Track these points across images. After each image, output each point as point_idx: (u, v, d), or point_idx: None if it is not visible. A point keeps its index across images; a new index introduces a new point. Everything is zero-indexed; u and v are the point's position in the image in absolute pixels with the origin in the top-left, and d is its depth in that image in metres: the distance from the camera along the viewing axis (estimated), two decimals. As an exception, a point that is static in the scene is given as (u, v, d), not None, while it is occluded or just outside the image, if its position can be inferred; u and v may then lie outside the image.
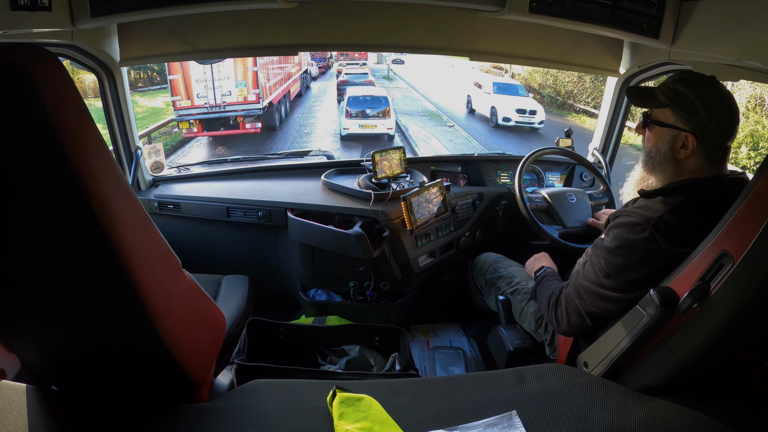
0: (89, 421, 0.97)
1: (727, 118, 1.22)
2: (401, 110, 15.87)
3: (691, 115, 1.23)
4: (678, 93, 1.25)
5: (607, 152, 2.54)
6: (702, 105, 1.21)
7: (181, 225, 2.43)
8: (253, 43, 2.04)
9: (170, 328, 0.92)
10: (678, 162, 1.28)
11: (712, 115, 1.21)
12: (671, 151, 1.28)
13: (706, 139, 1.22)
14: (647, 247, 1.20)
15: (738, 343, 1.02)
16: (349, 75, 19.01)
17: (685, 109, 1.23)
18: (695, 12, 1.50)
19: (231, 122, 11.26)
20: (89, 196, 0.74)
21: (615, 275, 1.26)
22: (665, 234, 1.19)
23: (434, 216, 2.15)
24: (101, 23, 1.48)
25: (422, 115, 15.66)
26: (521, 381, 1.13)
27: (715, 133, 1.22)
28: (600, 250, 1.32)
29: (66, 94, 0.73)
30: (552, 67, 2.30)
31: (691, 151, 1.24)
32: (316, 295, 2.34)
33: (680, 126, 1.25)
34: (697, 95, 1.22)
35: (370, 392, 1.05)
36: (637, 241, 1.21)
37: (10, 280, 0.83)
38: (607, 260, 1.28)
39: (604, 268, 1.28)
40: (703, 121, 1.22)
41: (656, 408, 1.02)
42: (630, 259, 1.23)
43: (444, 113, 16.01)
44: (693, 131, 1.23)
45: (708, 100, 1.21)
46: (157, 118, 12.77)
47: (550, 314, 1.44)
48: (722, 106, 1.22)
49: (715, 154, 1.24)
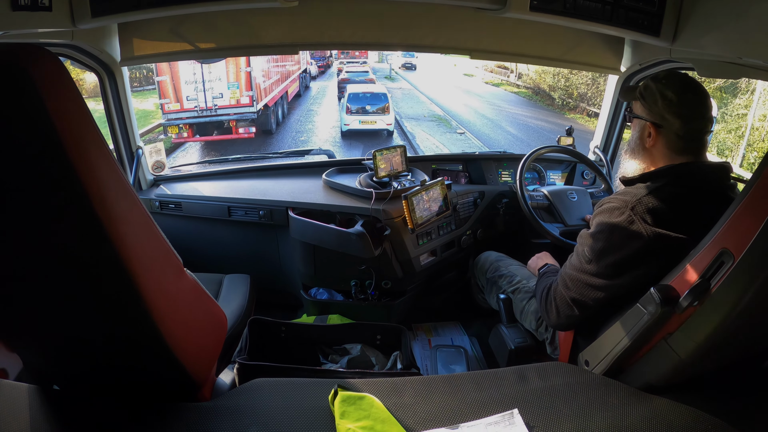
0: (91, 421, 0.97)
1: (683, 109, 1.28)
2: (407, 114, 15.74)
3: (651, 106, 1.33)
4: (646, 87, 1.35)
5: (609, 150, 2.54)
6: (660, 97, 1.30)
7: (183, 224, 2.44)
8: (254, 42, 2.04)
9: (172, 327, 0.92)
10: (646, 150, 1.36)
11: (668, 106, 1.29)
12: (640, 140, 1.38)
13: (665, 128, 1.31)
14: (626, 228, 1.23)
15: (739, 342, 1.01)
16: (350, 73, 19.12)
17: (648, 101, 1.34)
18: (696, 10, 1.49)
19: (225, 126, 10.76)
20: (90, 195, 0.74)
21: (596, 260, 1.29)
22: (643, 216, 1.22)
23: (435, 214, 2.15)
24: (102, 23, 1.48)
25: (430, 120, 15.39)
26: (522, 379, 1.14)
27: (672, 123, 1.29)
28: (584, 238, 1.36)
29: (67, 94, 0.73)
30: (553, 65, 2.30)
31: (653, 140, 1.33)
32: (318, 293, 2.34)
33: (644, 117, 1.35)
34: (657, 88, 1.32)
35: (371, 391, 1.05)
36: (616, 224, 1.25)
37: (11, 279, 0.84)
38: (589, 246, 1.32)
39: (587, 255, 1.32)
40: (660, 112, 1.31)
41: (657, 406, 1.02)
42: (610, 242, 1.26)
43: (453, 118, 15.83)
44: (652, 121, 1.33)
45: (666, 93, 1.30)
46: (146, 122, 12.14)
47: (542, 309, 1.47)
48: (679, 98, 1.28)
49: (676, 143, 1.31)
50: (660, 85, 1.31)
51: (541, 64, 2.29)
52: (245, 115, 10.80)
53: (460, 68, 29.63)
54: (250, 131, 11.08)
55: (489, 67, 26.35)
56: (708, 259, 1.01)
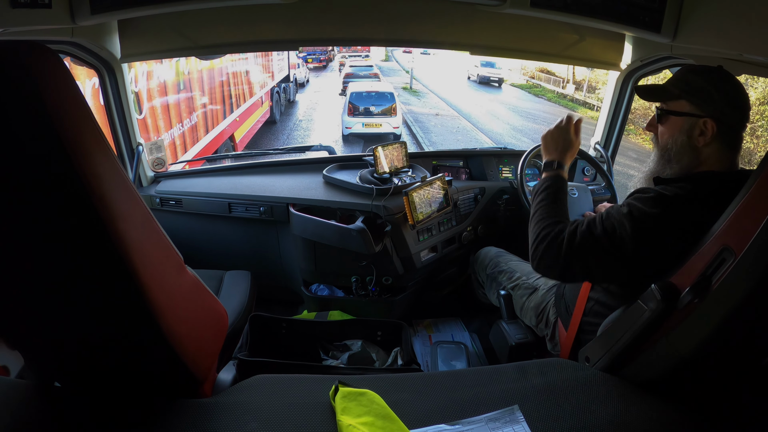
0: (92, 418, 0.98)
1: (740, 101, 1.22)
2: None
3: (706, 101, 1.23)
4: (689, 82, 1.25)
5: (609, 147, 2.54)
6: (715, 90, 1.21)
7: (183, 221, 2.44)
8: (254, 38, 2.04)
9: (173, 324, 0.92)
10: (696, 150, 1.26)
11: (727, 99, 1.21)
12: (689, 139, 1.26)
13: (724, 122, 1.22)
14: (655, 223, 1.18)
15: (739, 339, 1.01)
16: (354, 68, 18.66)
17: (700, 96, 1.23)
18: (697, 6, 1.49)
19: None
20: (90, 192, 0.74)
21: (617, 239, 1.21)
22: (675, 216, 1.16)
23: (436, 211, 2.15)
24: (102, 20, 1.47)
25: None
26: (523, 375, 1.14)
27: (732, 116, 1.22)
28: (611, 212, 1.26)
29: (67, 91, 0.73)
30: (553, 61, 2.30)
31: (710, 138, 1.22)
32: (318, 290, 2.35)
33: (697, 113, 1.24)
34: (709, 82, 1.23)
35: (372, 387, 1.05)
36: (648, 215, 1.19)
37: (11, 277, 0.84)
38: (614, 222, 1.23)
39: (608, 228, 1.23)
40: (720, 106, 1.21)
41: (658, 403, 1.02)
42: (634, 230, 1.19)
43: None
44: (711, 115, 1.22)
45: (721, 85, 1.22)
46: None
47: (536, 241, 1.36)
48: (735, 90, 1.22)
49: (732, 139, 1.23)
50: (710, 79, 1.23)
51: (541, 60, 2.28)
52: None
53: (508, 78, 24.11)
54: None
55: (530, 72, 22.30)
56: (709, 256, 1.01)
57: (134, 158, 2.30)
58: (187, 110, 6.46)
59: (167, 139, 5.71)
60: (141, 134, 2.32)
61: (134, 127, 2.28)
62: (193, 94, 6.76)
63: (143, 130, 4.93)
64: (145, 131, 5.03)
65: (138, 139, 2.30)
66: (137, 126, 2.30)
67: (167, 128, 5.78)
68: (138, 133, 2.31)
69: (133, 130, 2.27)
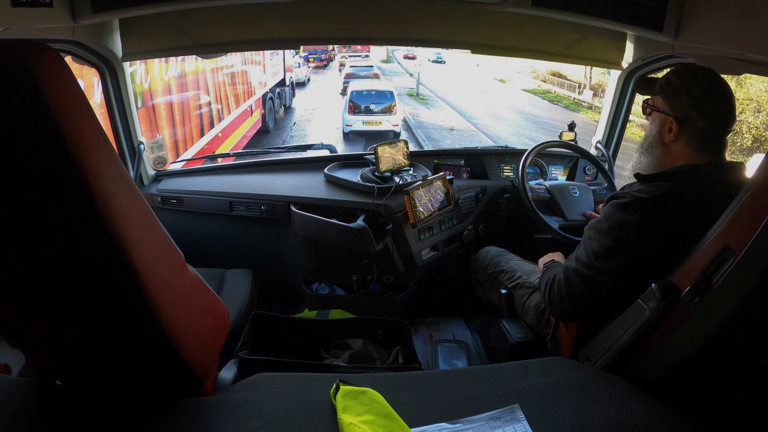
0: (93, 416, 0.98)
1: (710, 108, 1.26)
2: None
3: (674, 101, 1.30)
4: (668, 81, 1.33)
5: (611, 146, 2.54)
6: (685, 92, 1.28)
7: (184, 219, 2.44)
8: (255, 37, 2.04)
9: (174, 322, 0.93)
10: (665, 145, 1.34)
11: (693, 103, 1.26)
12: (659, 134, 1.35)
13: (687, 125, 1.28)
14: (638, 228, 1.22)
15: (739, 338, 1.01)
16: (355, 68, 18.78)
17: (670, 95, 1.31)
18: (699, 5, 1.48)
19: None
20: (91, 191, 0.74)
21: (606, 257, 1.28)
22: (657, 216, 1.21)
23: (437, 209, 2.15)
24: (103, 18, 1.48)
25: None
26: (524, 374, 1.14)
27: (696, 121, 1.27)
28: (593, 231, 1.34)
29: (68, 90, 0.73)
30: (555, 60, 2.29)
31: (674, 136, 1.30)
32: (320, 288, 2.35)
33: (666, 111, 1.32)
34: (682, 83, 1.29)
35: (373, 385, 1.05)
36: (629, 223, 1.24)
37: (12, 276, 0.84)
38: (599, 242, 1.30)
39: (596, 250, 1.30)
40: (684, 108, 1.28)
41: (658, 401, 1.02)
42: (620, 241, 1.25)
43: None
44: (675, 116, 1.30)
45: (691, 89, 1.27)
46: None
47: (546, 299, 1.46)
48: (706, 95, 1.26)
49: (698, 141, 1.28)
50: (684, 80, 1.29)
51: (543, 59, 2.28)
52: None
53: (484, 69, 23.81)
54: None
55: (541, 75, 21.31)
56: (709, 256, 1.01)
57: (135, 157, 2.31)
58: (147, 131, 5.01)
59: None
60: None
61: (135, 125, 2.28)
62: (157, 111, 5.47)
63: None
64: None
65: (139, 137, 2.31)
66: (138, 124, 2.31)
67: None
68: (139, 131, 2.31)
69: (134, 128, 2.27)
